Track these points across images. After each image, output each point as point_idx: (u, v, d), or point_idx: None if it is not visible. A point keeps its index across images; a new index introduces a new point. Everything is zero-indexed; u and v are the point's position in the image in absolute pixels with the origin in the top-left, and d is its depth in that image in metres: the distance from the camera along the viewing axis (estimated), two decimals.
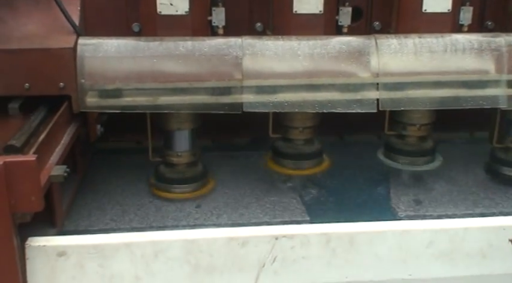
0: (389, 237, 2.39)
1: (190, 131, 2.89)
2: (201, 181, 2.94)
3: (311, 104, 2.70)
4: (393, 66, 2.72)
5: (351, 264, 2.40)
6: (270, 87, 2.68)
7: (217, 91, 2.66)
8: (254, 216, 2.67)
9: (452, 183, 2.98)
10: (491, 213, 2.67)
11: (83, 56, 2.62)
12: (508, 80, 2.76)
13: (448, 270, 2.45)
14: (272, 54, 2.69)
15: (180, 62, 2.65)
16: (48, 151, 2.38)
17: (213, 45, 2.68)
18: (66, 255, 2.28)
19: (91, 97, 2.63)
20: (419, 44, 2.73)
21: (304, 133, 2.99)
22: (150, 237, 2.37)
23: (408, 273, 2.43)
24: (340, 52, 2.71)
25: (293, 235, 2.35)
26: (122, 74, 2.63)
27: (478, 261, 2.44)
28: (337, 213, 2.69)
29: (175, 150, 2.89)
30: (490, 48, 2.75)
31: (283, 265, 2.36)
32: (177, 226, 2.59)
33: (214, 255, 2.33)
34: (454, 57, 2.74)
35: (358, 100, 2.70)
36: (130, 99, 2.64)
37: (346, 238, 2.37)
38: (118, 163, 3.18)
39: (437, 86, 2.74)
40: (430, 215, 2.66)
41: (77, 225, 2.60)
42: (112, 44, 2.65)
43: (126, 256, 2.30)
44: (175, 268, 2.33)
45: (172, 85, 2.64)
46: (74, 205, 2.74)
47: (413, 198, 2.79)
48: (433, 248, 2.40)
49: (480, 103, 2.74)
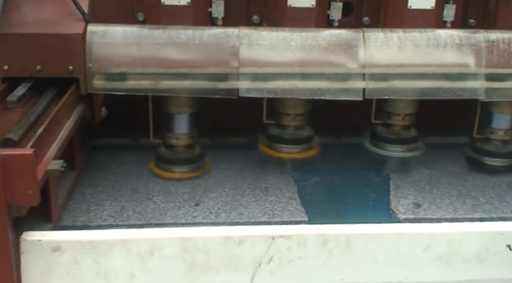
0: (386, 239, 2.37)
1: (189, 115, 3.03)
2: (198, 162, 3.09)
3: (302, 91, 2.85)
4: (379, 58, 2.86)
5: (347, 265, 2.37)
6: (264, 74, 2.82)
7: (215, 77, 2.80)
8: (253, 215, 2.68)
9: (434, 168, 3.13)
10: (490, 218, 2.71)
11: (92, 41, 2.76)
12: (485, 73, 2.89)
13: (444, 274, 2.42)
14: (267, 44, 2.83)
15: (181, 49, 2.79)
16: (46, 145, 2.36)
17: (212, 34, 2.83)
18: (61, 250, 2.23)
19: (98, 80, 2.78)
20: (404, 37, 2.88)
21: (296, 119, 3.13)
22: (146, 234, 2.34)
23: (404, 276, 2.40)
24: (330, 44, 2.85)
25: (290, 235, 2.32)
26: (127, 59, 2.77)
27: (475, 265, 2.41)
28: (335, 209, 2.78)
29: (174, 133, 3.04)
30: (470, 43, 2.89)
31: (280, 266, 2.33)
32: (175, 224, 2.59)
33: (210, 253, 2.30)
34: (436, 51, 2.87)
35: (346, 89, 2.84)
36: (134, 83, 2.78)
37: (343, 240, 2.34)
38: (116, 160, 3.18)
39: (420, 77, 2.87)
40: (430, 219, 2.69)
41: (74, 220, 2.59)
42: (118, 31, 2.80)
43: (122, 253, 2.26)
44: (171, 266, 2.30)
45: (173, 70, 2.78)
46: (73, 200, 2.73)
47: (413, 202, 2.85)
48: (430, 252, 2.38)
49: (459, 94, 2.87)
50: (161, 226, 2.54)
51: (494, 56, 2.91)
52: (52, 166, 2.25)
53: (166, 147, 3.10)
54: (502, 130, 3.19)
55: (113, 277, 2.29)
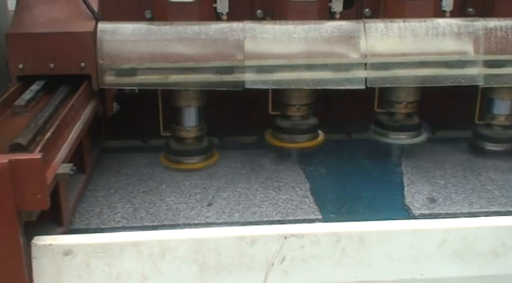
0: (400, 236, 2.34)
1: (197, 108, 3.12)
2: (207, 153, 3.19)
3: (306, 82, 2.92)
4: (380, 47, 2.92)
5: (361, 263, 2.34)
6: (269, 66, 2.89)
7: (221, 70, 2.88)
8: (266, 214, 2.65)
9: (439, 154, 3.20)
10: (507, 211, 2.67)
11: (102, 39, 2.85)
12: (484, 60, 2.96)
13: (460, 269, 2.38)
14: (271, 37, 2.91)
15: (188, 44, 2.87)
16: (55, 149, 2.35)
17: (217, 29, 2.91)
18: (73, 254, 2.22)
19: (109, 76, 2.86)
20: (404, 27, 2.95)
21: (301, 110, 3.20)
22: (157, 236, 2.32)
23: (420, 273, 2.37)
24: (332, 35, 2.92)
25: (302, 234, 2.29)
26: (136, 55, 2.85)
27: (490, 260, 2.37)
28: (349, 206, 2.77)
29: (184, 125, 3.13)
30: (468, 31, 2.95)
31: (292, 265, 2.30)
32: (188, 224, 2.57)
33: (222, 254, 2.28)
34: (435, 40, 2.93)
35: (348, 78, 2.91)
36: (143, 77, 2.87)
37: (356, 238, 2.31)
38: (126, 162, 3.17)
39: (420, 65, 2.93)
40: (446, 214, 2.66)
41: (88, 223, 2.57)
42: (128, 28, 2.89)
43: (133, 255, 2.25)
44: (183, 267, 2.28)
45: (181, 65, 2.86)
46: (85, 203, 2.72)
47: (427, 197, 2.82)
48: (445, 247, 2.35)
49: (459, 81, 2.95)
50: (174, 227, 2.53)
51: (492, 43, 2.97)
52: (61, 170, 2.24)
53: (176, 140, 3.18)
54: (503, 116, 3.26)
55: (125, 280, 2.28)
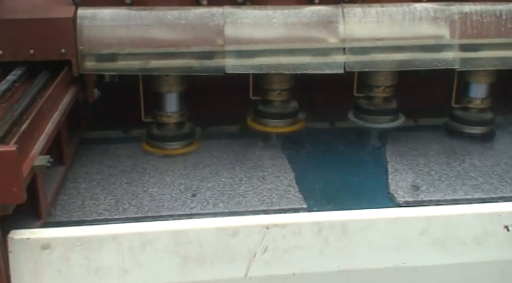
0: (382, 224, 2.33)
1: (178, 94, 3.13)
2: (189, 139, 3.20)
3: (286, 66, 2.95)
4: (358, 32, 2.94)
5: (343, 252, 2.33)
6: (249, 51, 2.90)
7: (202, 55, 2.89)
8: (251, 204, 2.63)
9: (422, 141, 3.24)
10: (490, 198, 2.67)
11: (82, 24, 2.84)
12: (459, 44, 3.01)
13: (442, 257, 2.39)
14: (251, 22, 2.91)
15: (168, 29, 2.86)
16: (32, 141, 2.29)
17: (197, 13, 2.90)
18: (51, 247, 2.16)
19: (89, 61, 2.86)
20: (381, 12, 2.97)
21: (281, 94, 3.23)
22: (137, 228, 2.27)
23: (402, 261, 2.37)
24: (310, 20, 2.94)
25: (284, 224, 2.28)
26: (116, 40, 2.84)
27: (472, 248, 2.38)
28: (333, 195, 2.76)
29: (165, 111, 3.15)
30: (444, 15, 2.99)
31: (275, 255, 2.29)
32: (172, 216, 2.53)
33: (204, 245, 2.25)
34: (412, 24, 2.96)
35: (327, 63, 2.94)
36: (124, 63, 2.86)
37: (338, 227, 2.30)
38: (108, 152, 3.12)
39: (397, 49, 2.97)
40: (429, 201, 2.66)
41: (69, 215, 2.51)
42: (107, 13, 2.88)
43: (113, 248, 2.20)
44: (164, 259, 2.25)
45: (162, 50, 2.86)
46: (67, 195, 2.66)
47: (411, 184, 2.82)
48: (427, 235, 2.35)
49: (435, 64, 2.99)
50: (158, 218, 2.49)
51: (468, 27, 3.02)
52: (38, 162, 2.19)
53: (157, 126, 3.20)
54: (479, 99, 3.32)
55: (105, 273, 2.24)
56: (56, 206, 2.58)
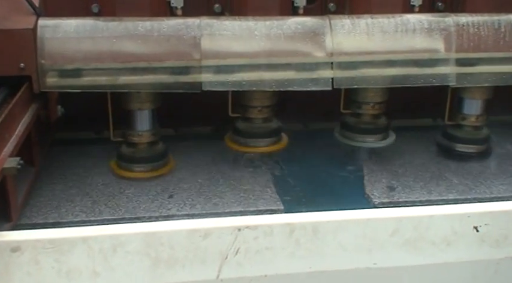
0: (353, 225, 2.37)
1: (150, 111, 2.91)
2: (162, 160, 2.98)
3: (268, 83, 2.76)
4: (347, 45, 2.78)
5: (315, 254, 2.36)
6: (228, 66, 2.73)
7: (177, 70, 2.70)
8: (228, 205, 2.65)
9: (407, 159, 3.09)
10: (465, 198, 2.73)
11: (43, 36, 2.63)
12: (456, 58, 2.84)
13: (413, 258, 2.43)
14: (230, 34, 2.74)
15: (139, 42, 2.68)
16: (1, 143, 2.29)
17: (171, 25, 2.72)
18: (21, 250, 2.17)
19: (51, 77, 2.65)
20: (372, 24, 2.81)
21: (262, 112, 3.05)
22: (107, 230, 2.29)
23: (373, 261, 2.40)
24: (295, 32, 2.76)
25: (256, 225, 2.30)
26: (81, 54, 2.65)
27: (442, 248, 2.42)
28: (310, 200, 2.76)
29: (136, 130, 2.93)
30: (439, 27, 2.83)
31: (247, 257, 2.32)
32: (150, 217, 2.56)
33: (175, 247, 2.27)
34: (405, 37, 2.81)
35: (314, 79, 2.77)
36: (90, 79, 2.66)
37: (309, 228, 2.33)
38: (80, 154, 3.11)
39: (389, 64, 2.81)
40: (405, 202, 2.72)
41: (45, 217, 2.55)
42: (71, 24, 2.67)
43: (83, 251, 2.22)
44: (135, 262, 2.26)
45: (132, 65, 2.67)
46: (42, 197, 2.69)
47: (387, 185, 2.85)
48: (398, 236, 2.38)
49: (430, 80, 2.82)
50: (135, 220, 2.51)
51: (465, 40, 2.86)
52: (8, 164, 2.21)
53: (128, 146, 2.98)
54: (474, 116, 3.14)
55: (75, 276, 2.25)
56: (31, 208, 2.60)
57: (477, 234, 2.41)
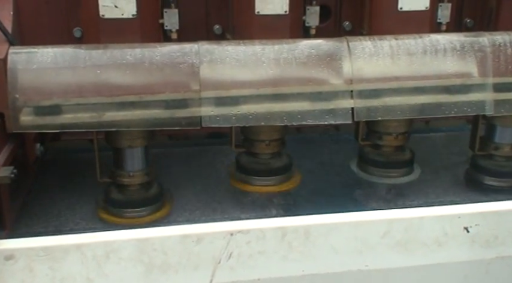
0: (345, 228, 2.41)
1: (143, 148, 2.71)
2: (157, 204, 2.76)
3: (278, 116, 2.58)
4: (368, 71, 2.62)
5: (307, 257, 2.42)
6: (231, 98, 2.55)
7: (172, 104, 2.52)
8: (227, 210, 2.75)
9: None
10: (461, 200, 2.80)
11: (15, 68, 2.43)
12: (493, 84, 2.65)
13: (404, 259, 2.47)
14: (233, 61, 2.56)
15: (127, 72, 2.49)
16: None
17: (165, 52, 2.54)
18: (15, 258, 2.23)
19: (26, 115, 2.44)
20: (396, 45, 2.62)
21: (271, 146, 2.82)
22: (101, 237, 2.35)
23: (365, 264, 2.44)
24: (309, 57, 2.59)
25: (248, 230, 2.35)
26: (60, 88, 2.45)
27: (434, 249, 2.46)
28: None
29: (126, 170, 2.71)
30: (473, 49, 2.65)
31: (239, 261, 2.37)
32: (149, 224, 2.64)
33: (169, 253, 2.32)
34: (435, 60, 2.63)
35: (331, 110, 2.60)
36: (71, 116, 2.45)
37: (301, 231, 2.38)
38: (78, 162, 3.17)
39: (417, 92, 2.64)
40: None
41: (47, 225, 2.66)
42: (48, 53, 2.46)
43: (77, 258, 2.27)
44: (129, 268, 2.31)
45: (120, 99, 2.47)
46: (42, 205, 2.81)
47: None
48: (389, 238, 2.43)
49: (464, 110, 2.65)
50: (135, 227, 2.53)
51: (502, 63, 2.67)
52: (2, 173, 2.28)
53: (117, 188, 2.75)
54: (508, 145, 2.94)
55: None
56: (32, 216, 2.73)
57: (468, 234, 2.45)
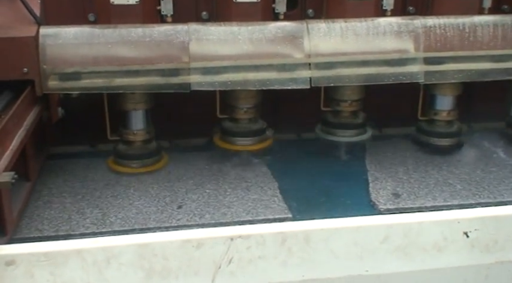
0: (344, 233, 2.36)
1: (144, 111, 3.10)
2: (156, 156, 3.17)
3: (252, 83, 2.95)
4: (323, 47, 2.98)
5: (307, 262, 2.35)
6: (214, 68, 2.91)
7: (167, 72, 2.89)
8: (237, 215, 2.68)
9: (388, 156, 3.26)
10: (469, 204, 2.78)
11: (45, 43, 2.82)
12: (424, 58, 3.02)
13: (404, 264, 2.42)
14: (216, 39, 2.93)
15: (132, 47, 2.86)
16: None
17: (162, 31, 2.91)
18: (15, 264, 2.15)
19: (52, 80, 2.83)
20: (346, 27, 3.00)
21: (248, 113, 3.22)
22: (101, 242, 2.27)
23: (365, 269, 2.40)
24: (276, 36, 2.96)
25: (249, 235, 2.29)
26: (80, 59, 2.83)
27: (433, 254, 2.42)
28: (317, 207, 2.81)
29: (131, 129, 3.11)
30: (408, 29, 3.03)
31: (240, 266, 2.30)
32: (159, 228, 2.59)
33: (169, 258, 2.25)
34: (377, 39, 3.00)
35: (293, 78, 2.96)
36: (88, 81, 2.84)
37: (301, 237, 2.32)
38: (89, 167, 3.15)
39: (362, 64, 3.00)
40: (410, 208, 2.76)
41: (57, 230, 2.57)
42: (70, 32, 2.86)
43: (78, 263, 2.20)
44: (129, 273, 2.24)
45: (126, 68, 2.85)
46: (53, 210, 2.72)
47: (392, 192, 2.90)
48: (389, 243, 2.38)
49: (400, 78, 3.01)
50: (145, 231, 2.54)
51: (432, 41, 3.04)
52: (3, 178, 2.21)
53: (124, 144, 3.16)
54: (445, 111, 3.34)
55: None
56: (43, 221, 2.62)
57: (467, 239, 2.42)
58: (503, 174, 3.08)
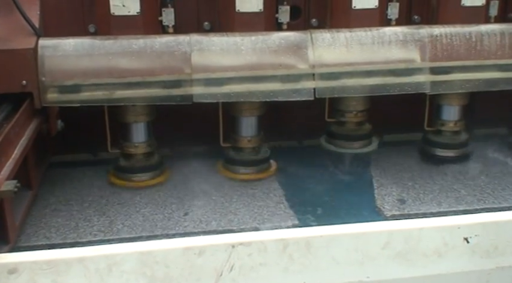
0: (345, 240, 2.37)
1: (146, 124, 3.06)
2: (158, 169, 3.12)
3: (255, 94, 2.92)
4: (327, 58, 2.95)
5: (308, 268, 2.36)
6: (217, 79, 2.88)
7: (169, 84, 2.85)
8: (243, 221, 2.71)
9: (393, 163, 3.24)
10: (474, 209, 2.80)
11: (43, 55, 2.78)
12: (430, 67, 2.99)
13: (404, 270, 2.42)
14: (218, 50, 2.89)
15: (133, 58, 2.83)
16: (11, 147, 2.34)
17: (163, 42, 2.88)
18: (18, 272, 2.15)
19: (51, 93, 2.79)
20: (350, 37, 2.96)
21: (251, 142, 3.17)
22: (103, 250, 2.28)
23: (366, 275, 2.40)
24: (279, 46, 2.92)
25: (250, 242, 2.30)
26: (79, 71, 2.79)
27: (434, 260, 2.42)
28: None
29: (132, 142, 3.06)
30: (414, 39, 2.99)
31: (241, 273, 2.31)
32: (167, 235, 2.61)
33: (171, 265, 2.26)
34: (382, 48, 2.96)
35: (297, 89, 2.92)
36: (88, 94, 2.80)
37: (302, 243, 2.33)
38: (87, 175, 3.16)
39: (367, 74, 2.96)
40: (416, 214, 2.79)
41: (64, 237, 2.60)
42: (70, 43, 2.82)
43: (80, 271, 2.20)
44: (131, 281, 2.25)
45: (127, 80, 2.81)
46: (60, 217, 2.75)
47: (397, 198, 2.92)
48: (389, 249, 2.38)
49: (406, 89, 2.97)
50: (152, 238, 2.55)
51: (438, 50, 3.01)
52: (5, 187, 2.22)
53: (124, 157, 3.12)
54: (452, 121, 3.30)
55: None
56: (50, 229, 2.65)
57: (468, 245, 2.42)
58: (507, 180, 3.09)
